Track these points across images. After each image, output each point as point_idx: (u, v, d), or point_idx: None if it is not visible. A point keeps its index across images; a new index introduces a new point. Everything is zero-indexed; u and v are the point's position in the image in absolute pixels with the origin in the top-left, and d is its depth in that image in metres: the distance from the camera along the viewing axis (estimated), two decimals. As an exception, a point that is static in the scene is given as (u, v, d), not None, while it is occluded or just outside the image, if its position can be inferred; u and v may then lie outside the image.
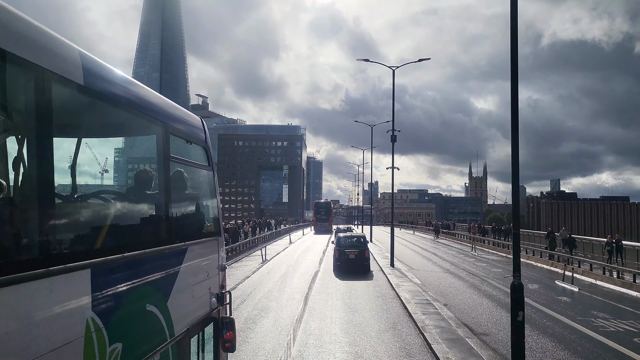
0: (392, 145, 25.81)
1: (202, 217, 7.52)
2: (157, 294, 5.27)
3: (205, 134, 7.92)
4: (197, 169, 7.66)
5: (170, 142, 5.96)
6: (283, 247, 40.67)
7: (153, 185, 5.94)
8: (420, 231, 71.60)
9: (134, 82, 5.41)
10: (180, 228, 6.42)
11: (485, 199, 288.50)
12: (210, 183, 8.00)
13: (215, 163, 8.01)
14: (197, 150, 7.82)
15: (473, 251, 37.93)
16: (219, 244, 7.99)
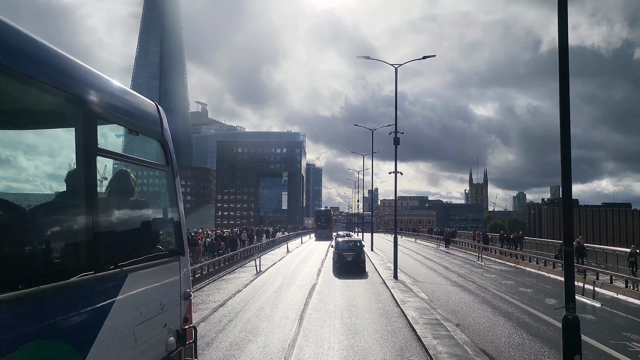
0: (395, 148, 24.09)
1: (154, 233, 5.75)
2: (64, 350, 3.58)
3: (162, 124, 6.16)
4: (149, 169, 5.91)
5: (98, 130, 4.30)
6: (280, 256, 38.84)
7: (67, 189, 4.21)
8: (422, 239, 69.74)
9: (39, 41, 3.69)
10: (114, 249, 4.68)
11: (486, 205, 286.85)
12: (169, 188, 6.24)
13: (174, 162, 6.27)
14: (148, 144, 6.05)
15: (479, 261, 36.08)
16: (182, 266, 6.21)
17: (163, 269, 5.59)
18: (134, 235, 5.10)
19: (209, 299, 19.23)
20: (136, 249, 5.00)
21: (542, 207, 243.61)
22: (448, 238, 50.49)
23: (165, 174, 6.22)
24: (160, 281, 5.47)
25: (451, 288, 22.08)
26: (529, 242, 40.75)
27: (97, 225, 4.05)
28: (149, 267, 5.11)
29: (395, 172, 24.79)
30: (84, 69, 4.30)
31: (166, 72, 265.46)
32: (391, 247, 52.26)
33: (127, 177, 5.28)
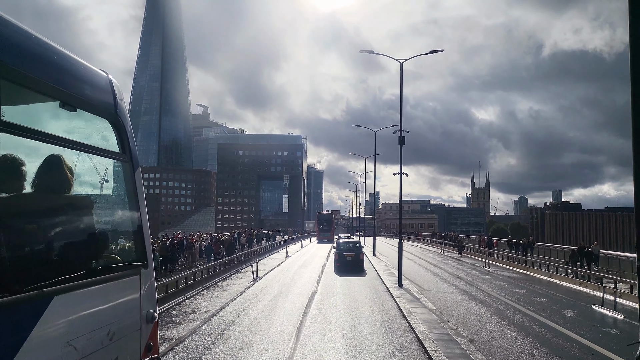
0: (400, 148, 22.70)
1: (100, 240, 4.38)
2: None
3: (117, 100, 4.80)
4: (96, 157, 4.59)
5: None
6: (279, 261, 37.43)
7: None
8: (425, 243, 68.26)
9: None
10: (31, 263, 3.42)
11: (488, 209, 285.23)
12: (126, 182, 4.91)
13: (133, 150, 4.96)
14: (95, 125, 4.71)
15: (486, 267, 34.64)
16: (144, 281, 4.89)
17: (113, 287, 4.27)
18: (66, 244, 3.75)
19: (201, 308, 17.86)
20: (68, 262, 3.65)
21: (545, 211, 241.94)
22: (461, 244, 46.75)
23: (121, 165, 4.88)
24: (109, 302, 4.16)
25: (460, 297, 20.67)
26: (537, 247, 39.28)
27: (5, 231, 2.81)
28: (89, 286, 3.79)
29: (400, 174, 23.40)
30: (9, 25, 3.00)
31: (167, 74, 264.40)
32: (394, 252, 50.82)
33: (58, 165, 3.94)
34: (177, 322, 15.31)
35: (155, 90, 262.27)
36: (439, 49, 22.49)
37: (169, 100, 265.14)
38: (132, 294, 4.65)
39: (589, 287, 23.43)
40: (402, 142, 22.46)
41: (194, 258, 34.03)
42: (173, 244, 30.91)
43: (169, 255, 28.66)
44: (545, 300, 20.54)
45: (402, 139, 22.43)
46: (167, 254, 28.45)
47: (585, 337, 13.81)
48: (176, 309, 17.69)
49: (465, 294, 21.53)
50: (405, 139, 23.38)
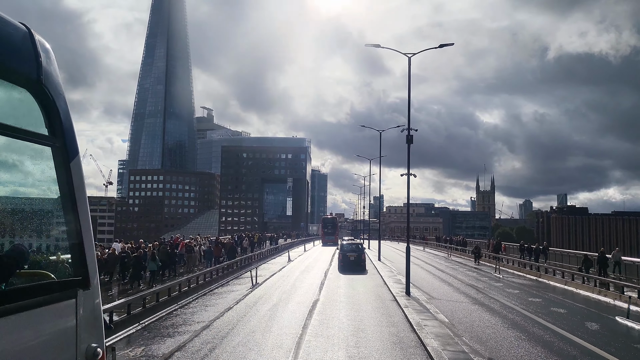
0: (408, 147, 21.37)
1: (17, 253, 3.17)
2: None
3: (41, 63, 3.55)
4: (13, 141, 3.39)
5: None
6: (280, 266, 36.12)
7: None
8: (431, 247, 66.80)
9: None
10: None
11: (493, 213, 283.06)
12: (60, 174, 3.66)
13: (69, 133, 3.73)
14: (11, 97, 3.48)
15: (497, 273, 33.22)
16: (82, 305, 3.67)
17: (33, 317, 3.07)
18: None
19: (193, 318, 16.60)
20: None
21: (551, 215, 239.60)
22: (478, 252, 41.34)
23: (50, 151, 3.65)
24: (24, 339, 2.96)
25: (473, 307, 19.30)
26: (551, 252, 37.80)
27: None
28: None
29: (408, 174, 22.11)
30: None
31: (172, 77, 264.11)
32: (399, 256, 49.44)
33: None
34: (165, 335, 14.04)
35: (159, 93, 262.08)
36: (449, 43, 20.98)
37: (174, 103, 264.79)
38: (64, 324, 3.44)
39: (608, 296, 22.03)
40: (410, 141, 21.15)
41: (194, 262, 32.88)
42: (173, 248, 29.75)
43: (169, 260, 27.52)
44: (564, 310, 19.17)
45: (410, 137, 21.11)
46: (167, 259, 27.33)
47: (617, 355, 12.43)
48: (166, 320, 16.42)
49: (478, 304, 20.17)
50: (412, 138, 22.05)
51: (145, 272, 23.51)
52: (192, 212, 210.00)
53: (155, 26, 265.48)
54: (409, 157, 21.58)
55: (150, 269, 23.68)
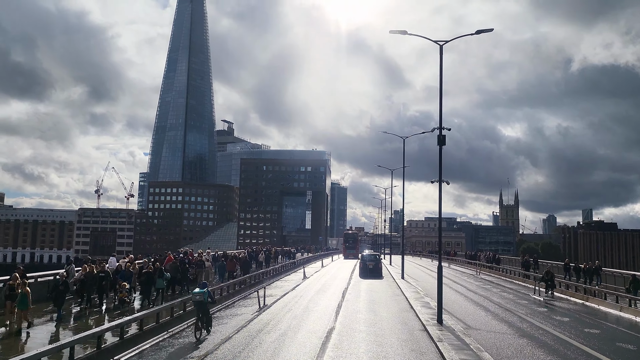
0: (440, 150, 18.30)
1: None
2: None
3: None
4: None
5: None
6: (294, 283, 33.02)
7: None
8: (457, 263, 62.89)
9: None
10: None
11: (517, 228, 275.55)
12: None
13: None
14: None
15: (536, 295, 29.56)
16: None
17: None
18: None
19: (180, 353, 13.65)
20: None
21: (577, 230, 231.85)
22: (552, 278, 30.30)
23: None
24: None
25: (521, 342, 15.93)
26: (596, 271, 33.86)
27: None
28: None
29: (440, 181, 19.00)
30: None
31: (193, 90, 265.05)
32: (424, 274, 45.88)
33: None
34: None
35: (180, 106, 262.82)
36: (487, 28, 17.92)
37: (194, 116, 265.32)
38: None
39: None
40: (442, 142, 18.08)
41: (207, 278, 30.29)
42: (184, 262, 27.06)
43: (178, 276, 24.96)
44: (634, 347, 15.70)
45: (442, 138, 18.05)
46: (177, 275, 24.77)
47: None
48: (147, 355, 13.50)
49: (526, 336, 16.79)
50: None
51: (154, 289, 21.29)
52: (210, 225, 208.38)
53: (177, 40, 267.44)
54: (441, 160, 18.48)
55: (158, 286, 21.40)
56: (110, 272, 20.36)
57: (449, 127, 19.52)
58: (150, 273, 21.82)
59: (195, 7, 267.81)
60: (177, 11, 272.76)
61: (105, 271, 19.71)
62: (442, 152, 18.44)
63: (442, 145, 18.20)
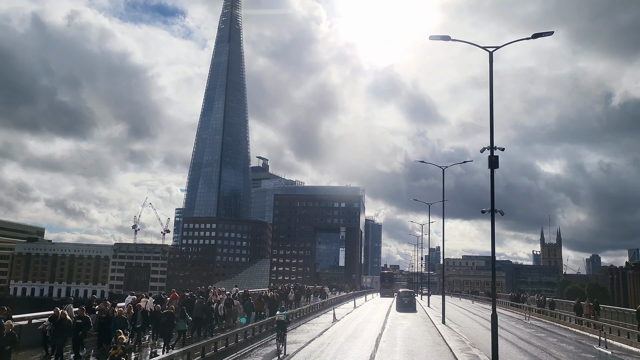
0: (492, 173, 15.48)
1: None
2: None
3: None
4: None
5: None
6: (323, 327, 29.89)
7: None
8: (500, 306, 58.11)
9: None
10: None
11: (560, 268, 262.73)
12: None
13: None
14: None
15: (601, 347, 25.52)
16: None
17: None
18: None
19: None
20: None
21: (627, 271, 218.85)
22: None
23: None
24: None
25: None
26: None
27: None
28: None
29: (493, 210, 16.03)
30: None
31: (229, 128, 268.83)
32: (467, 317, 41.80)
33: None
34: None
35: (216, 143, 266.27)
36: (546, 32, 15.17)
37: (230, 152, 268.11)
38: None
39: None
40: (494, 165, 15.24)
41: (234, 317, 27.94)
42: (210, 303, 24.67)
43: (203, 316, 22.67)
44: None
45: (495, 159, 15.22)
46: (202, 315, 22.45)
47: None
48: None
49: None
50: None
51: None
52: (243, 262, 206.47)
53: (215, 79, 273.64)
54: (493, 185, 15.52)
55: (179, 328, 19.42)
56: (91, 320, 17.21)
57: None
58: (172, 314, 19.48)
59: (233, 47, 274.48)
60: (214, 51, 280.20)
61: (84, 317, 16.51)
62: (494, 177, 15.51)
63: (494, 168, 15.32)
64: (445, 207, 37.87)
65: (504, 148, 16.06)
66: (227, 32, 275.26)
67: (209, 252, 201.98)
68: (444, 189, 37.32)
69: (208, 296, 30.96)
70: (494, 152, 15.25)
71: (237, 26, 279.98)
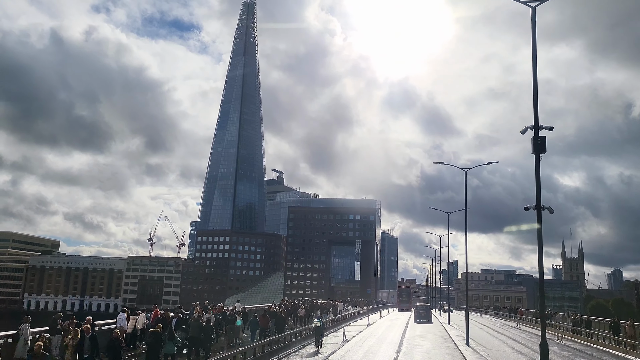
0: (537, 160, 12.26)
1: None
2: None
3: None
4: None
5: None
6: (329, 350, 26.59)
7: None
8: (526, 323, 54.08)
9: None
10: None
11: (583, 282, 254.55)
12: None
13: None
14: None
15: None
16: None
17: None
18: None
19: None
20: None
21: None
22: None
23: None
24: None
25: None
26: None
27: None
28: None
29: (539, 207, 12.76)
30: None
31: (244, 141, 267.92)
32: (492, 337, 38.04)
33: None
34: None
35: (232, 156, 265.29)
36: None
37: (245, 165, 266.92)
38: None
39: None
40: (539, 150, 12.05)
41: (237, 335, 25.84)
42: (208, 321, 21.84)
43: (201, 337, 19.89)
44: None
45: (541, 141, 12.05)
46: (199, 335, 19.64)
47: None
48: None
49: None
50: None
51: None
52: (257, 275, 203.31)
53: (230, 92, 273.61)
54: (539, 174, 12.31)
55: (166, 351, 16.80)
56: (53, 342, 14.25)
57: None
58: (158, 334, 16.55)
59: (248, 60, 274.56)
60: (230, 64, 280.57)
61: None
62: (539, 164, 12.28)
63: (540, 153, 12.13)
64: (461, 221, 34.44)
65: (552, 127, 12.80)
66: (243, 46, 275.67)
67: (222, 265, 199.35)
68: (467, 192, 33.94)
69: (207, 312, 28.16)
70: (539, 132, 12.03)
71: (252, 39, 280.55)
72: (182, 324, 21.22)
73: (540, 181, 12.39)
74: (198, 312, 22.89)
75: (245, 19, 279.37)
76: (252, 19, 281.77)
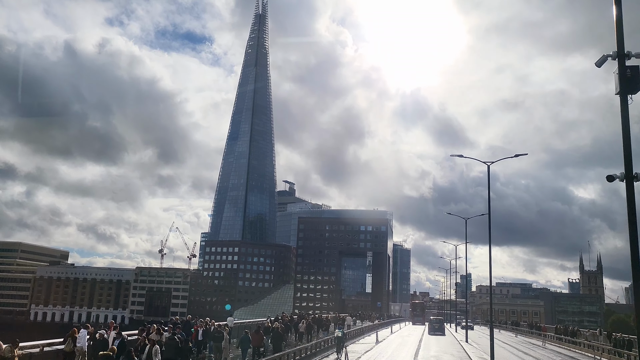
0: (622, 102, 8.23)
1: None
2: None
3: None
4: None
5: None
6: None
7: None
8: (552, 341, 49.57)
9: None
10: None
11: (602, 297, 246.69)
12: None
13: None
14: None
15: None
16: None
17: None
18: None
19: None
20: None
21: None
22: None
23: None
24: None
25: None
26: None
27: None
28: None
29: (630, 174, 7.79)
30: None
31: (255, 152, 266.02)
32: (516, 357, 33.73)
33: None
34: None
35: (243, 166, 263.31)
36: None
37: (256, 176, 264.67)
38: None
39: None
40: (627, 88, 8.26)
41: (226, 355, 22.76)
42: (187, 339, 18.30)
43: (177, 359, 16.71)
44: None
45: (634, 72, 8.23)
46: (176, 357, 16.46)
47: None
48: None
49: None
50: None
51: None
52: (266, 287, 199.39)
53: (241, 103, 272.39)
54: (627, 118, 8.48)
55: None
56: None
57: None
58: (110, 357, 13.07)
59: (259, 71, 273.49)
60: (241, 76, 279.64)
61: None
62: (627, 106, 8.60)
63: (628, 94, 8.45)
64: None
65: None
66: (254, 57, 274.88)
67: (231, 276, 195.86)
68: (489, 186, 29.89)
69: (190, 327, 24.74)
70: (625, 61, 8.38)
71: (264, 50, 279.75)
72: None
73: (629, 132, 8.70)
74: (154, 331, 19.01)
75: (257, 31, 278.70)
76: (263, 30, 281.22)
